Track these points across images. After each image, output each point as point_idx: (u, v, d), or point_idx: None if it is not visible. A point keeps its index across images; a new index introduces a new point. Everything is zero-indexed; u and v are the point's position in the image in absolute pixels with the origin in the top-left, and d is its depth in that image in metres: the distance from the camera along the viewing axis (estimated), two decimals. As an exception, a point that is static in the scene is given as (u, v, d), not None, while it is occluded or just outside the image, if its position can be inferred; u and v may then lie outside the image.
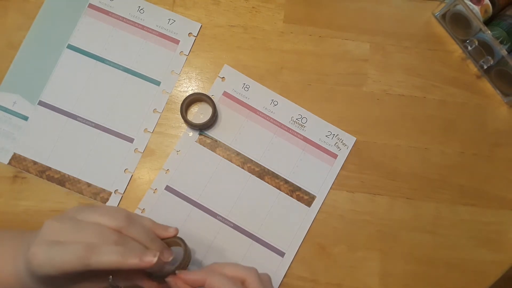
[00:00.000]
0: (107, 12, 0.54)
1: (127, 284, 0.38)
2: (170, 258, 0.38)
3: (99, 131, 0.52)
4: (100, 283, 0.37)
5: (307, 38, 0.55)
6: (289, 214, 0.51)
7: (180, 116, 0.51)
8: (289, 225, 0.50)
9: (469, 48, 0.53)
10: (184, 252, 0.39)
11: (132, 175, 0.51)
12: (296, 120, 0.53)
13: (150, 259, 0.34)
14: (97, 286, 0.37)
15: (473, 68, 0.55)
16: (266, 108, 0.53)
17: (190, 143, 0.52)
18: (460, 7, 0.52)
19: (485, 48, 0.53)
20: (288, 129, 0.52)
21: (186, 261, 0.39)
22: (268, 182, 0.51)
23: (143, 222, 0.39)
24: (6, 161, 0.51)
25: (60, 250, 0.33)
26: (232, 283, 0.36)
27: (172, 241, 0.41)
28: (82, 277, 0.36)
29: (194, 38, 0.54)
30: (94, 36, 0.53)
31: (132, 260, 0.34)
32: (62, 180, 0.51)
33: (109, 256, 0.33)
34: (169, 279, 0.38)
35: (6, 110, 0.52)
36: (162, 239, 0.40)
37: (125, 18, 0.54)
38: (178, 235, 0.41)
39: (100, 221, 0.36)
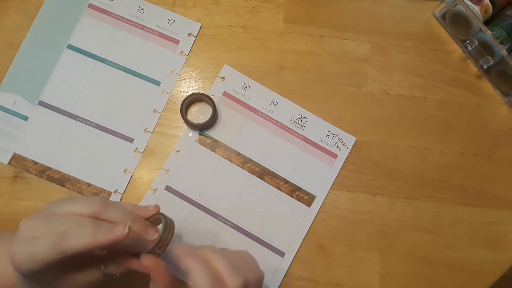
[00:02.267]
0: (107, 12, 0.54)
1: (119, 270, 0.38)
2: (156, 235, 0.38)
3: (99, 131, 0.52)
4: (93, 274, 0.37)
5: (307, 38, 0.55)
6: (289, 214, 0.51)
7: (180, 116, 0.51)
8: (289, 225, 0.50)
9: (469, 48, 0.53)
10: (164, 226, 0.38)
11: (132, 175, 0.51)
12: (296, 120, 0.53)
13: (121, 231, 0.34)
14: (90, 277, 0.37)
15: (473, 68, 0.55)
16: (266, 108, 0.53)
17: (190, 143, 0.52)
18: (460, 7, 0.52)
19: (485, 48, 0.53)
20: (288, 129, 0.52)
21: (167, 234, 0.38)
22: (268, 182, 0.51)
23: (122, 205, 0.39)
24: (6, 161, 0.51)
25: (36, 244, 0.33)
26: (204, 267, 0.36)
27: (156, 219, 0.40)
28: (72, 269, 0.36)
29: (194, 38, 0.54)
30: (94, 36, 0.53)
31: (104, 236, 0.33)
32: (62, 180, 0.51)
33: (80, 238, 0.33)
34: (145, 261, 0.37)
35: (6, 110, 0.52)
36: (147, 219, 0.40)
37: (125, 18, 0.54)
38: (162, 213, 0.40)
39: (74, 210, 0.36)
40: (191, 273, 0.36)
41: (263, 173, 0.51)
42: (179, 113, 0.51)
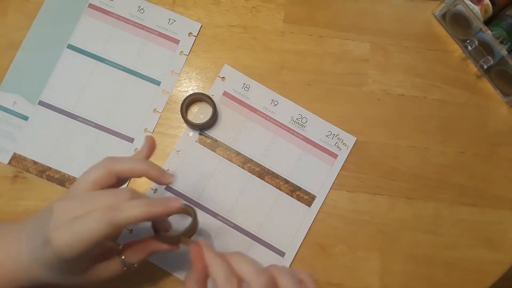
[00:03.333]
0: (107, 12, 0.54)
1: (138, 258, 0.38)
2: (171, 179, 0.38)
3: (99, 131, 0.52)
4: (114, 266, 0.37)
5: (307, 38, 0.55)
6: (289, 214, 0.51)
7: (180, 116, 0.51)
8: (289, 225, 0.50)
9: (469, 48, 0.53)
10: (192, 222, 0.39)
11: (132, 175, 0.51)
12: (296, 120, 0.53)
13: (176, 203, 0.35)
14: (111, 270, 0.37)
15: (473, 68, 0.55)
16: (266, 108, 0.53)
17: (190, 143, 0.52)
18: (460, 7, 0.52)
19: (485, 48, 0.53)
20: (288, 129, 0.52)
21: (192, 230, 0.39)
22: (268, 182, 0.51)
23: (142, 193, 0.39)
24: (6, 161, 0.51)
25: (83, 223, 0.32)
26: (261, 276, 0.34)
27: (184, 209, 0.40)
28: (94, 262, 0.36)
29: (194, 38, 0.54)
30: (94, 36, 0.53)
31: (158, 208, 0.34)
32: (62, 180, 0.51)
33: (136, 209, 0.33)
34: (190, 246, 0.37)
35: (6, 110, 0.52)
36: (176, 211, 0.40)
37: (125, 18, 0.54)
38: (191, 206, 0.41)
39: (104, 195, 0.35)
40: (210, 269, 0.35)
41: (263, 173, 0.51)
42: (179, 113, 0.51)
